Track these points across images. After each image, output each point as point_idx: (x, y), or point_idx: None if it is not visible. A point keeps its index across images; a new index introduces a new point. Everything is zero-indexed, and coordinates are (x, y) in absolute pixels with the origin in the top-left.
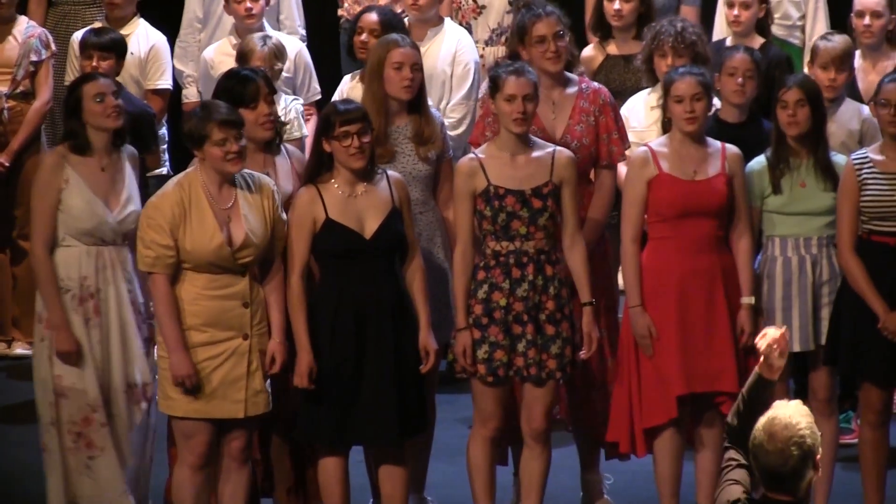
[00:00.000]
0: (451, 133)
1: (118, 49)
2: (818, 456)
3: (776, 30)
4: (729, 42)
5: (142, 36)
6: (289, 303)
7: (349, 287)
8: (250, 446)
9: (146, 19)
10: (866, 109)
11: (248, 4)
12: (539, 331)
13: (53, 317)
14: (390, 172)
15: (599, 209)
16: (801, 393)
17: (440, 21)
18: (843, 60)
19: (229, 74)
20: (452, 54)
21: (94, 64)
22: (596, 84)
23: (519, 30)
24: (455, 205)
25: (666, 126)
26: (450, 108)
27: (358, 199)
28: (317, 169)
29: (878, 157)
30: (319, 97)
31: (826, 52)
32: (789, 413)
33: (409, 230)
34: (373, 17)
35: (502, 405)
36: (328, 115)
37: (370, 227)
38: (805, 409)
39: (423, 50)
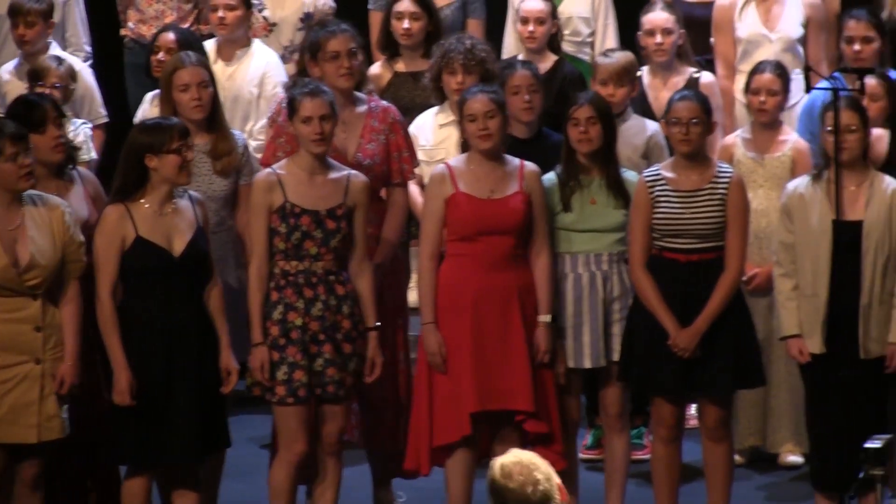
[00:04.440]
0: (259, 155)
1: None
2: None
3: (566, 46)
4: (521, 58)
5: None
6: (100, 321)
7: (157, 306)
8: (44, 472)
9: None
10: (652, 126)
11: (21, 31)
12: (337, 349)
13: None
14: (192, 192)
15: (393, 227)
16: (592, 409)
17: (248, 42)
18: (620, 76)
19: (17, 100)
20: (260, 76)
21: None
22: (384, 102)
23: (312, 46)
24: (251, 219)
25: (464, 146)
26: (257, 131)
27: (166, 217)
28: (130, 187)
29: (671, 175)
30: (106, 120)
31: (604, 68)
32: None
33: (210, 250)
34: (170, 36)
35: (306, 426)
36: (160, 132)
37: (178, 246)
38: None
39: (230, 70)
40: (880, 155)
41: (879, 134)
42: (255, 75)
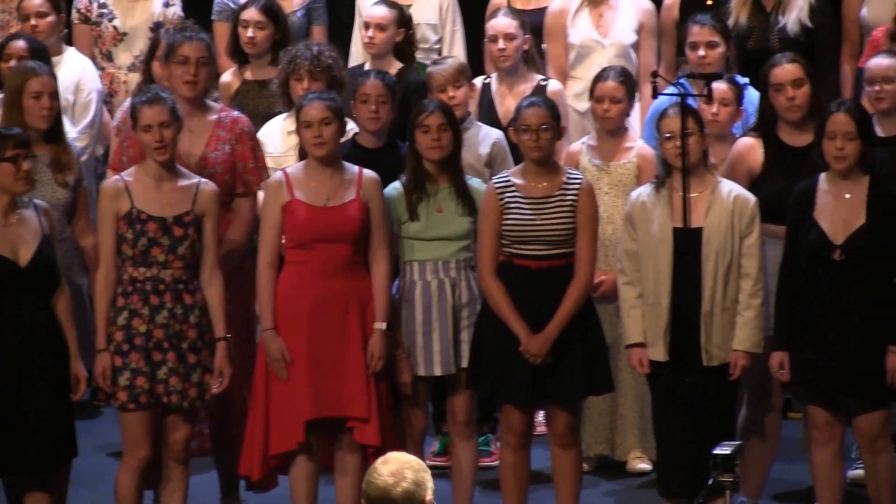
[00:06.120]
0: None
1: None
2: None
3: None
4: (368, 66)
5: None
6: None
7: (5, 316)
8: None
9: None
10: (495, 134)
11: None
12: (181, 359)
13: None
14: (37, 201)
15: (237, 237)
16: (440, 416)
17: (61, 50)
18: (456, 78)
19: None
20: (75, 83)
21: None
22: (236, 113)
23: (167, 47)
24: (99, 226)
25: (302, 153)
26: (74, 138)
27: (11, 227)
28: None
29: (520, 182)
30: None
31: (438, 75)
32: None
33: (57, 259)
34: (21, 43)
35: (150, 432)
36: None
37: (24, 256)
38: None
39: None
40: (757, 163)
41: (751, 143)
42: (70, 83)
